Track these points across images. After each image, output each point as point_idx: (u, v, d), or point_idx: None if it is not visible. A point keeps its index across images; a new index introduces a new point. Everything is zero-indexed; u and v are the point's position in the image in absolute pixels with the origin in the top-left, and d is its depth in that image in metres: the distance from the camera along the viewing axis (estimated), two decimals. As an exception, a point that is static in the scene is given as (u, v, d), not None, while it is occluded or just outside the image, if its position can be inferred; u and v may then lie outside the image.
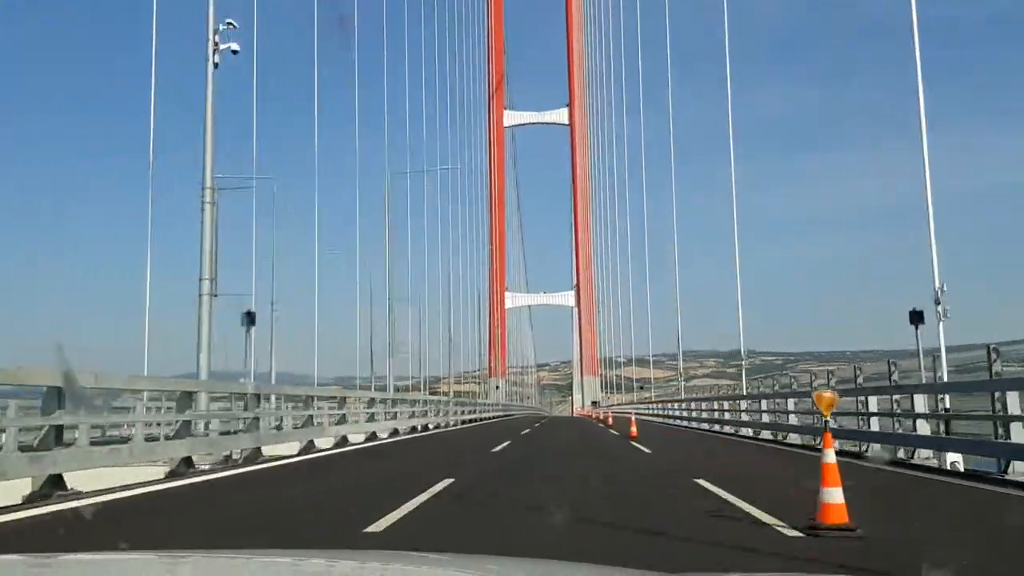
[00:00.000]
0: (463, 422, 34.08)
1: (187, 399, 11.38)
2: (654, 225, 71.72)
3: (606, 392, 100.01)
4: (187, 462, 11.11)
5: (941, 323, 16.77)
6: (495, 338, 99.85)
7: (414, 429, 24.86)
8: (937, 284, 17.13)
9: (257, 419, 13.48)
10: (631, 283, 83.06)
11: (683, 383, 51.80)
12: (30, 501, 8.23)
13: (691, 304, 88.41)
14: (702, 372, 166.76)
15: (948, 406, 12.91)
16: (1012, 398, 10.33)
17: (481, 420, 41.83)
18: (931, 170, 18.16)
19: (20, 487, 8.42)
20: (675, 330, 46.17)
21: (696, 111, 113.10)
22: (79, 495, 8.66)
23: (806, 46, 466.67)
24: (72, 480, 8.91)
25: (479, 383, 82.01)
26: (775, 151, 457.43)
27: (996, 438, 11.05)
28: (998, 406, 10.68)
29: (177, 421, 11.23)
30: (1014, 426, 10.32)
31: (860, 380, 16.41)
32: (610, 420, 38.68)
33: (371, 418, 20.43)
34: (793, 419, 19.77)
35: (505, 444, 18.56)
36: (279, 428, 15.32)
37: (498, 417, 52.81)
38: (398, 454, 16.11)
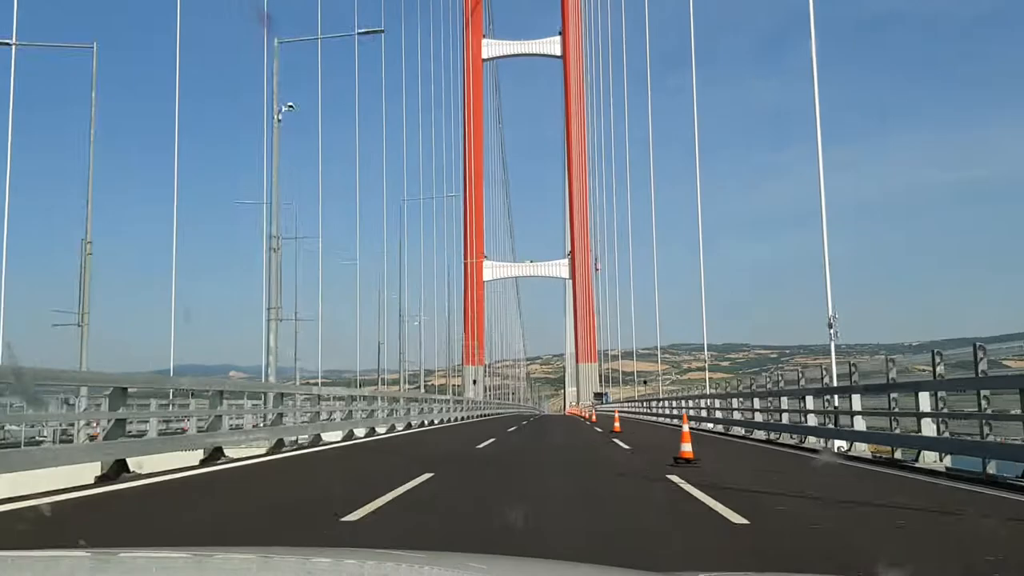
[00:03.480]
0: (411, 426, 27.93)
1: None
2: (659, 198, 61.05)
3: (605, 385, 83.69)
4: None
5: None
6: (471, 316, 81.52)
7: (316, 440, 17.93)
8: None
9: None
10: (631, 252, 70.86)
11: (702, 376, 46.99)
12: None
13: (684, 295, 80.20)
14: (696, 366, 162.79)
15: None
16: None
17: (435, 424, 34.41)
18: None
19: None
20: (667, 321, 42.08)
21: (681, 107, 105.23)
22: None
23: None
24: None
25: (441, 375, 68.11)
26: (775, 144, 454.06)
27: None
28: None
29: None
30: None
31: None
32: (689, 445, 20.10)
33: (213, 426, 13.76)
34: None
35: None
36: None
37: (464, 420, 42.19)
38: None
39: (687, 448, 12.68)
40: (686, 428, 13.43)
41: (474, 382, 77.53)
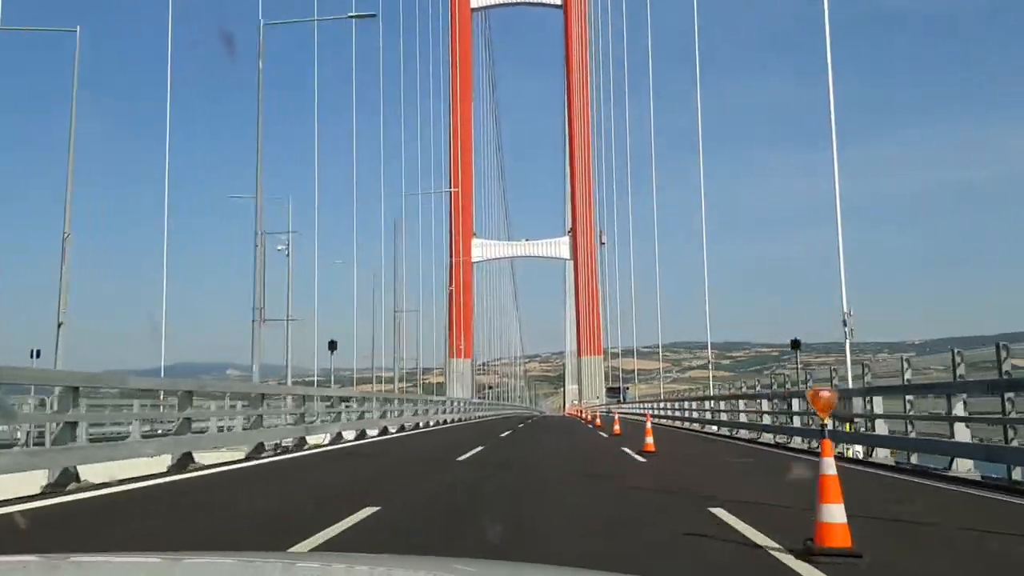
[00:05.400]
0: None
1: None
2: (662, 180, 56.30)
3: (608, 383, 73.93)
4: None
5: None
6: (458, 301, 69.88)
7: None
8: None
9: None
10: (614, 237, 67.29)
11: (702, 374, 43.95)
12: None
13: (685, 292, 76.22)
14: (696, 364, 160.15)
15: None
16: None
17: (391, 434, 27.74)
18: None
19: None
20: (663, 320, 39.20)
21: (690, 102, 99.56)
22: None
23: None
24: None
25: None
26: (777, 143, 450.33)
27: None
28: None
29: None
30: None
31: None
32: None
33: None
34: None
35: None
36: None
37: (443, 424, 36.07)
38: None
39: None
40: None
41: (459, 375, 70.13)
